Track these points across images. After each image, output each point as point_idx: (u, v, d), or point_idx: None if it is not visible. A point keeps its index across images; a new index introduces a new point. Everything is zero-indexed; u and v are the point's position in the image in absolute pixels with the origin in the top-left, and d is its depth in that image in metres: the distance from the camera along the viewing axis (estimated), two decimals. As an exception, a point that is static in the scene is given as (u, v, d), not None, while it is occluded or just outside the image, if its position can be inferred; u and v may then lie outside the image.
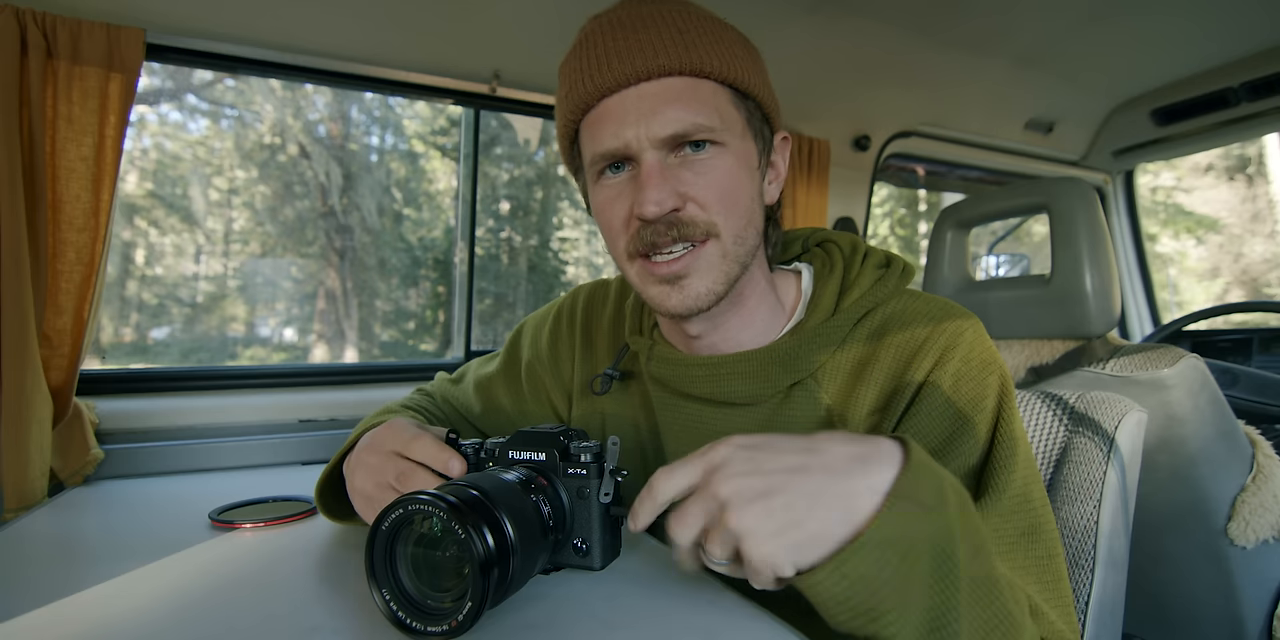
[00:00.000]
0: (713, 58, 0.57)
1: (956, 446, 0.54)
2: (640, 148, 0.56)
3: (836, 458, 0.40)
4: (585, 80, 0.57)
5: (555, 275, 3.46)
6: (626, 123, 0.56)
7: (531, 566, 0.48)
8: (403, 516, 0.44)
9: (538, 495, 0.51)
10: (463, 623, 0.42)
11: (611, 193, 0.59)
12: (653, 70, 0.55)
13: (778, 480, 0.39)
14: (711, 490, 0.40)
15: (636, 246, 0.58)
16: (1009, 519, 0.51)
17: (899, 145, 2.02)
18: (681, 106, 0.55)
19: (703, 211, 0.57)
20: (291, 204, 2.67)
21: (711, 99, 0.57)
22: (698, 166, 0.57)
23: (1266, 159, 4.31)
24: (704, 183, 0.57)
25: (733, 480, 0.40)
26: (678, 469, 0.43)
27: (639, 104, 0.56)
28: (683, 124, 0.55)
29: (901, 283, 0.65)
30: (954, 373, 0.57)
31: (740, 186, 0.59)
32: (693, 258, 0.58)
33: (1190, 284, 4.47)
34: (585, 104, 0.58)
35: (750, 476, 0.40)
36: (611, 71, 0.56)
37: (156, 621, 0.50)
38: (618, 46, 0.56)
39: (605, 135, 0.57)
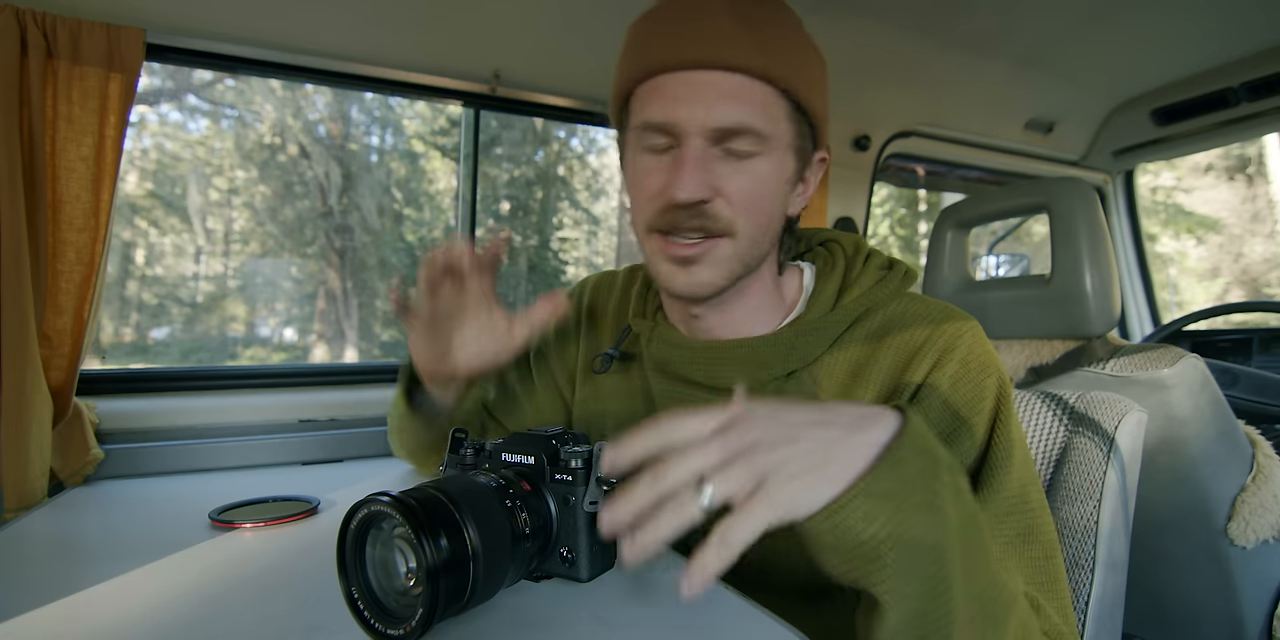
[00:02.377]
0: (785, 68, 0.57)
1: (953, 448, 0.55)
2: (687, 131, 0.56)
3: (848, 416, 0.43)
4: (651, 49, 0.58)
5: (555, 275, 3.46)
6: (682, 103, 0.56)
7: (500, 575, 0.47)
8: (367, 516, 0.44)
9: (514, 501, 0.50)
10: (415, 628, 0.41)
11: (649, 164, 0.60)
12: (717, 61, 0.55)
13: (800, 430, 0.41)
14: (736, 434, 0.41)
15: (658, 224, 0.60)
16: (1004, 520, 0.51)
17: (899, 145, 2.02)
18: (738, 104, 0.56)
19: (727, 208, 0.58)
20: (291, 204, 2.67)
21: (769, 106, 0.58)
22: (736, 165, 0.58)
23: (1266, 159, 4.31)
24: (737, 182, 0.58)
25: (759, 426, 0.41)
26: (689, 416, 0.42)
27: (700, 90, 0.56)
28: (735, 120, 0.56)
29: (903, 285, 0.65)
30: (952, 375, 0.57)
31: (769, 194, 0.60)
32: (707, 249, 0.59)
33: (1190, 284, 4.47)
34: (644, 72, 0.59)
35: (776, 426, 0.41)
36: (678, 51, 0.56)
37: (156, 621, 0.50)
38: (699, 26, 0.56)
39: (657, 109, 0.57)
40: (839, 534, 0.39)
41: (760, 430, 0.41)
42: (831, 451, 0.41)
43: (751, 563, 0.60)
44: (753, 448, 0.40)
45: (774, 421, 0.42)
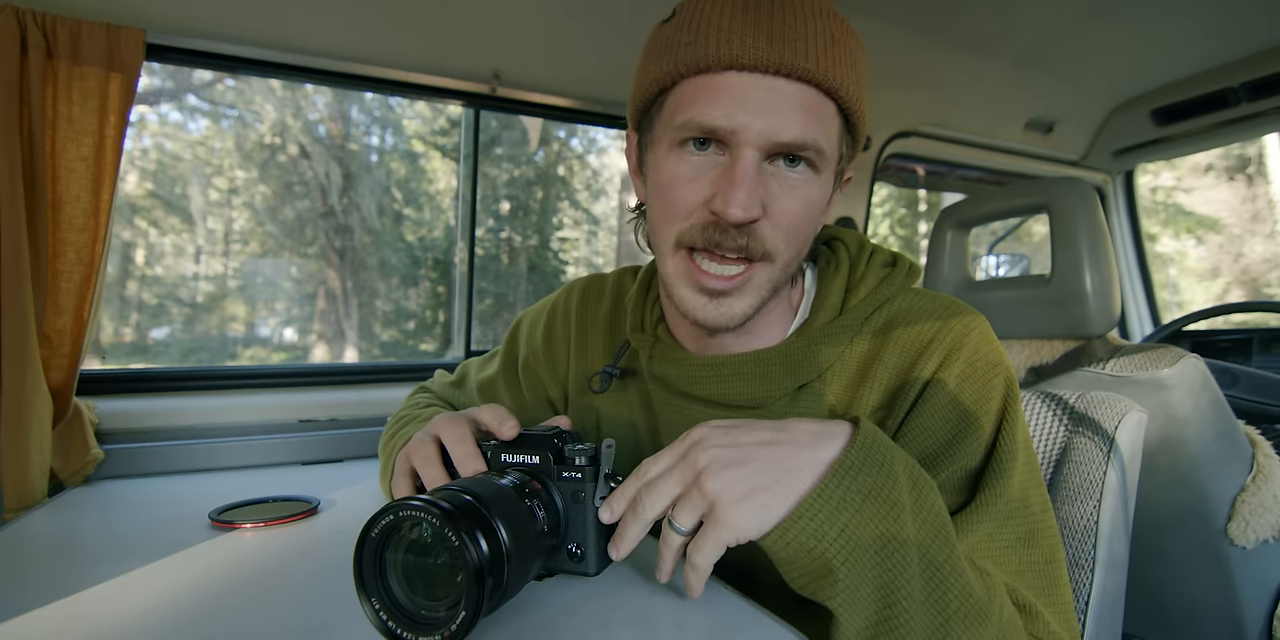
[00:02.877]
0: (850, 84, 0.53)
1: (958, 448, 0.54)
2: (746, 140, 0.51)
3: (803, 434, 0.45)
4: (721, 42, 0.51)
5: (555, 275, 3.46)
6: (746, 109, 0.51)
7: (526, 573, 0.47)
8: (392, 523, 0.43)
9: (532, 500, 0.50)
10: (456, 632, 0.40)
11: (690, 171, 0.54)
12: (798, 70, 0.50)
13: (750, 451, 0.44)
14: (689, 460, 0.44)
15: (694, 239, 0.54)
16: (1004, 524, 0.51)
17: (899, 145, 2.02)
18: (805, 119, 0.52)
19: (774, 231, 0.54)
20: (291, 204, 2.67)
21: (830, 123, 0.54)
22: (785, 183, 0.54)
23: (1266, 159, 4.31)
24: (786, 203, 0.54)
25: (710, 451, 0.44)
26: (660, 454, 0.48)
27: (768, 97, 0.51)
28: (802, 136, 0.51)
29: (908, 281, 0.64)
30: (959, 373, 0.56)
31: (812, 218, 0.57)
32: (745, 279, 0.55)
33: (1190, 284, 4.47)
34: (706, 65, 0.52)
35: (726, 448, 0.44)
36: (756, 49, 0.50)
37: (156, 621, 0.50)
38: (773, 26, 0.51)
39: (716, 110, 0.51)
40: (792, 550, 0.41)
41: (711, 453, 0.44)
42: (781, 470, 0.42)
43: (745, 566, 0.60)
44: (702, 473, 0.43)
45: (725, 444, 0.44)
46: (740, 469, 0.43)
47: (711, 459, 0.44)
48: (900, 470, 0.44)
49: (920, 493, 0.44)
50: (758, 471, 0.42)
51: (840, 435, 0.45)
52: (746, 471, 0.42)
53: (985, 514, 0.51)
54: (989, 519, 0.51)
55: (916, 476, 0.45)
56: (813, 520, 0.40)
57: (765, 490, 0.42)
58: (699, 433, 0.46)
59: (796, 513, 0.41)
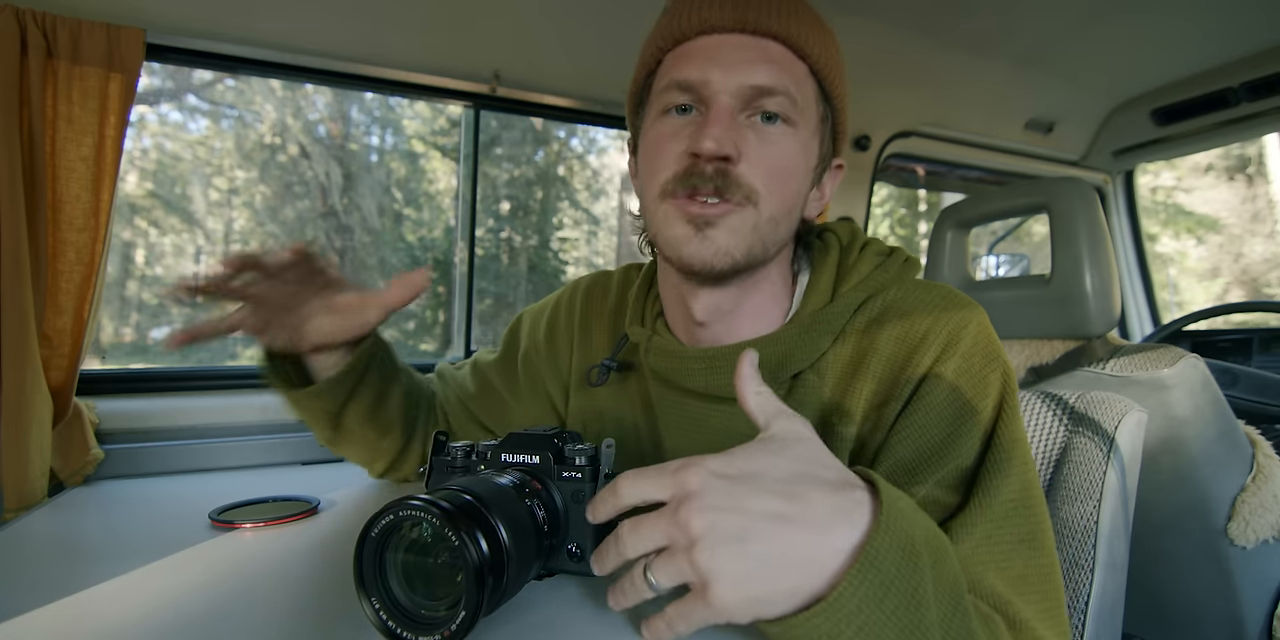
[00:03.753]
0: (817, 46, 0.57)
1: (955, 446, 0.53)
2: (718, 89, 0.55)
3: (817, 510, 0.38)
4: (691, 13, 0.57)
5: (555, 275, 3.46)
6: (716, 63, 0.55)
7: (526, 572, 0.47)
8: (392, 523, 0.43)
9: (532, 499, 0.50)
10: (456, 632, 0.40)
11: (670, 129, 0.58)
12: (762, 26, 0.55)
13: (757, 526, 0.37)
14: (681, 519, 0.37)
15: (675, 186, 0.56)
16: (1003, 525, 0.50)
17: (899, 145, 2.02)
18: (776, 69, 0.55)
19: (751, 173, 0.55)
20: (291, 204, 2.67)
21: (802, 80, 0.57)
22: (763, 134, 0.56)
23: (1266, 159, 4.31)
24: (762, 151, 0.56)
25: (707, 514, 0.37)
26: (646, 478, 0.41)
27: (736, 52, 0.55)
28: (772, 80, 0.55)
29: (904, 271, 0.63)
30: (956, 368, 0.55)
31: (795, 170, 0.58)
32: (726, 211, 0.55)
33: (1190, 284, 4.47)
34: (682, 34, 0.58)
35: (727, 514, 0.37)
36: (722, 12, 0.55)
37: (157, 621, 0.50)
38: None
39: (691, 67, 0.56)
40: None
41: (708, 519, 0.37)
42: (791, 561, 0.36)
43: None
44: (696, 543, 0.37)
45: (726, 508, 0.37)
46: (742, 548, 0.36)
47: (709, 527, 0.37)
48: (923, 549, 0.38)
49: (939, 566, 0.39)
50: (763, 557, 0.36)
51: (860, 514, 0.38)
52: (750, 554, 0.36)
53: (982, 515, 0.50)
54: (986, 520, 0.50)
55: (936, 547, 0.40)
56: (828, 619, 0.35)
57: (771, 584, 0.36)
58: (695, 480, 0.38)
59: (811, 613, 0.35)
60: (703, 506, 0.37)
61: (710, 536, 0.37)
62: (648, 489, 0.41)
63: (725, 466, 0.39)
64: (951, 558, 0.41)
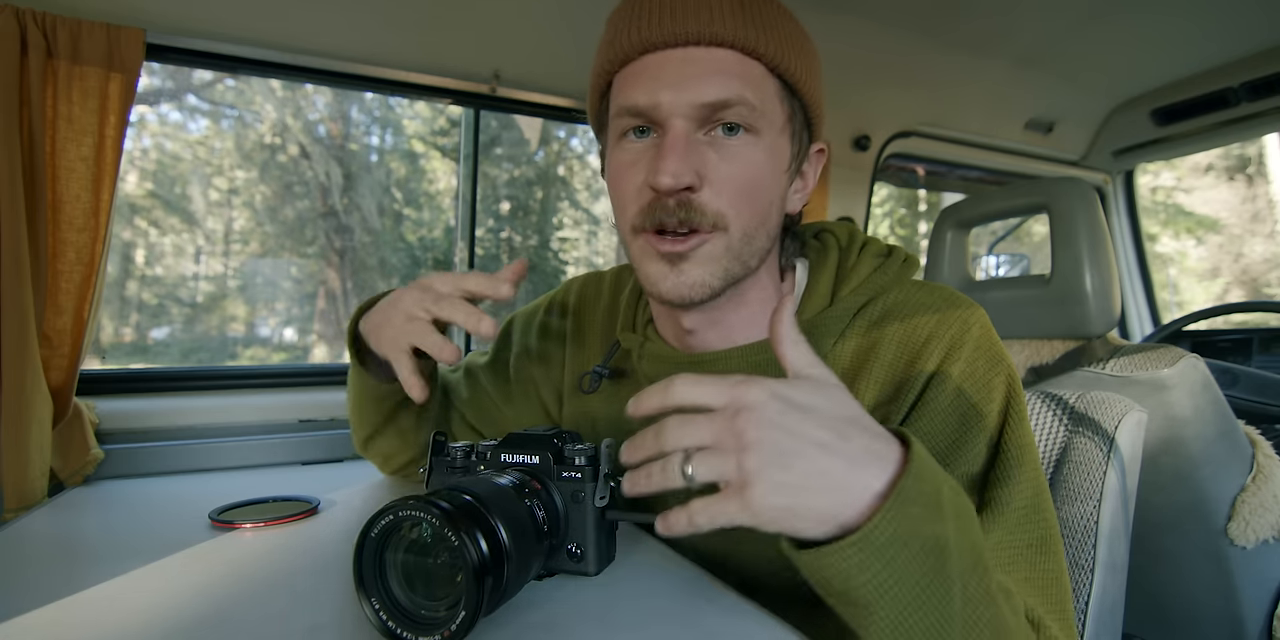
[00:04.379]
0: (771, 42, 0.53)
1: (962, 452, 0.53)
2: (671, 112, 0.52)
3: (858, 448, 0.39)
4: (631, 31, 0.53)
5: (555, 275, 3.46)
6: (664, 83, 0.52)
7: (526, 573, 0.47)
8: (392, 523, 0.43)
9: (532, 499, 0.50)
10: (456, 632, 0.41)
11: (629, 157, 0.55)
12: (705, 36, 0.51)
13: (806, 448, 0.38)
14: (738, 426, 0.38)
15: (643, 221, 0.54)
16: (1015, 532, 0.50)
17: (899, 145, 2.02)
18: (728, 79, 0.52)
19: (716, 199, 0.53)
20: (291, 204, 2.67)
21: (759, 82, 0.53)
22: (725, 150, 0.53)
23: (1266, 159, 4.31)
24: (726, 169, 0.53)
25: (763, 428, 0.38)
26: (705, 383, 0.41)
27: (682, 67, 0.52)
28: (725, 93, 0.51)
29: (904, 272, 0.62)
30: (960, 371, 0.55)
31: (763, 182, 0.55)
32: (696, 244, 0.54)
33: (1190, 284, 4.47)
34: (625, 56, 0.54)
35: (782, 432, 0.38)
36: (662, 27, 0.52)
37: (157, 622, 0.50)
38: (674, 3, 0.52)
39: (638, 91, 0.53)
40: (827, 576, 0.38)
41: (764, 432, 0.38)
42: (829, 481, 0.38)
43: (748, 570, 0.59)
44: (748, 448, 0.38)
45: (782, 425, 0.39)
46: (790, 463, 0.38)
47: (762, 438, 0.38)
48: (947, 504, 0.40)
49: (962, 520, 0.41)
50: (805, 474, 0.38)
51: (891, 459, 0.40)
52: (795, 471, 0.38)
53: (996, 522, 0.49)
54: (999, 527, 0.49)
55: (959, 507, 0.41)
56: (860, 551, 0.37)
57: (807, 500, 0.38)
58: (755, 394, 0.39)
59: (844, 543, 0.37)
60: (760, 420, 0.38)
61: (762, 446, 0.38)
62: (706, 393, 0.41)
63: (786, 391, 0.40)
64: (973, 520, 0.42)
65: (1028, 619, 0.48)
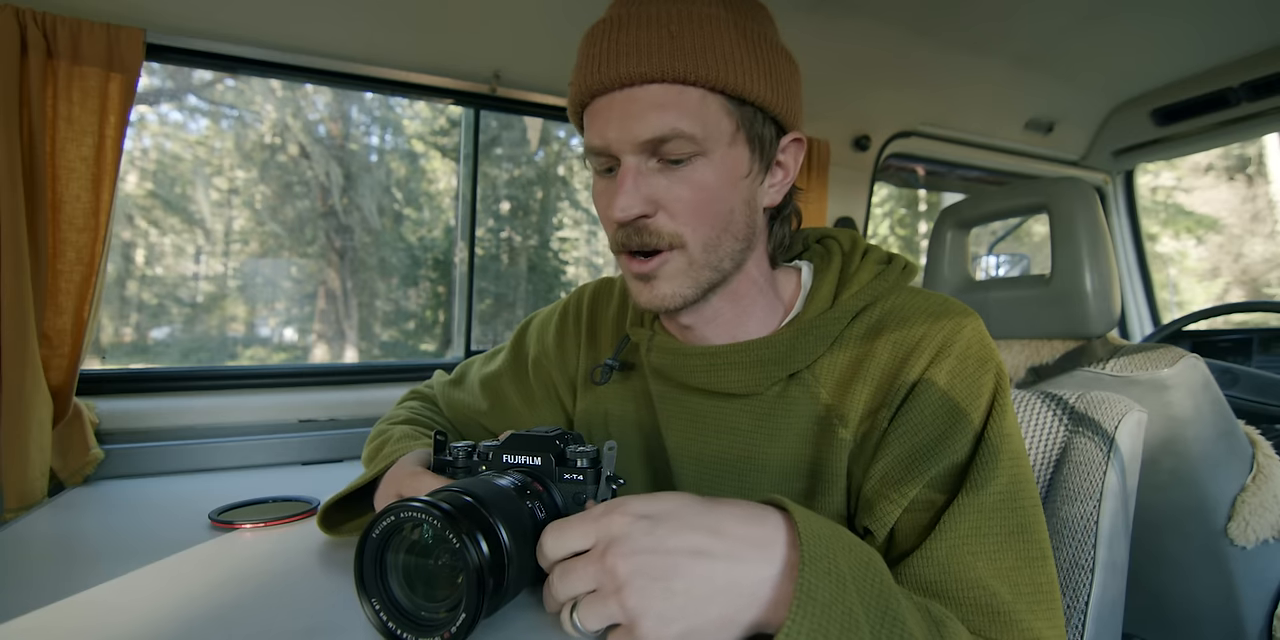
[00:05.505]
0: (701, 65, 0.55)
1: (947, 444, 0.54)
2: (620, 150, 0.57)
3: (738, 542, 0.40)
4: (582, 77, 0.59)
5: (555, 275, 3.46)
6: (610, 124, 0.57)
7: (527, 574, 0.47)
8: (393, 524, 0.43)
9: (533, 501, 0.50)
10: (456, 634, 0.41)
11: (601, 188, 0.61)
12: (636, 76, 0.55)
13: (680, 563, 0.39)
14: (608, 564, 0.39)
15: (616, 245, 0.61)
16: (991, 517, 0.51)
17: (899, 145, 2.02)
18: (662, 113, 0.55)
19: (670, 221, 0.58)
20: (291, 204, 2.67)
21: (697, 107, 0.56)
22: (673, 176, 0.57)
23: (1266, 159, 4.31)
24: (676, 193, 0.57)
25: (632, 558, 0.39)
26: (570, 529, 0.42)
27: (625, 106, 0.56)
28: (660, 129, 0.55)
29: (902, 279, 0.64)
30: (949, 371, 0.56)
31: (716, 198, 0.58)
32: (659, 263, 0.59)
33: (1190, 284, 4.47)
34: (581, 101, 0.60)
35: (651, 555, 0.39)
36: (602, 73, 0.57)
37: (156, 622, 0.50)
38: (612, 48, 0.57)
39: (592, 132, 0.59)
40: None
41: (634, 562, 0.38)
42: (714, 588, 0.38)
43: None
44: (624, 585, 0.38)
45: (649, 550, 0.39)
46: (669, 586, 0.38)
47: (634, 568, 0.38)
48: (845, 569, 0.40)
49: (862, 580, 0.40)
50: (688, 592, 0.38)
51: (779, 541, 0.40)
52: (675, 590, 0.38)
53: (970, 507, 0.51)
54: (973, 511, 0.51)
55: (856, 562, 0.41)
56: None
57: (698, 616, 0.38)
58: (618, 525, 0.40)
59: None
60: (628, 550, 0.39)
61: (636, 578, 0.38)
62: (572, 540, 0.42)
63: (646, 507, 0.41)
64: (874, 565, 0.42)
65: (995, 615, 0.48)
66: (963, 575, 0.49)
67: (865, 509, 0.56)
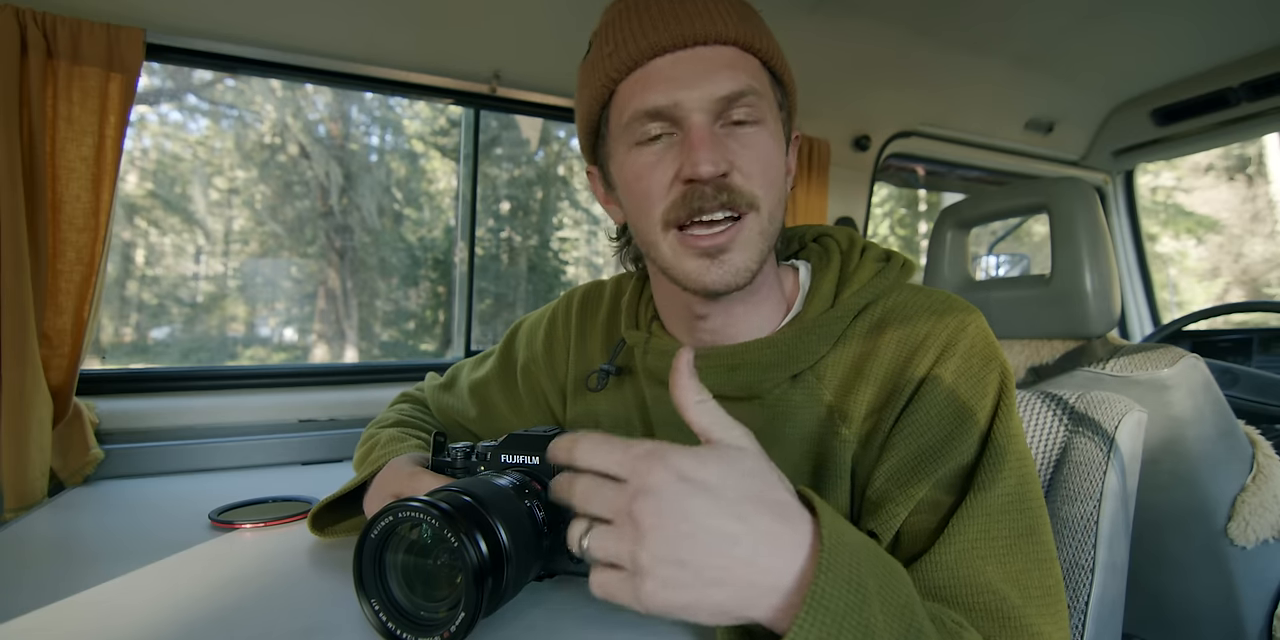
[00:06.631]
0: (760, 37, 0.58)
1: (953, 447, 0.54)
2: (690, 109, 0.55)
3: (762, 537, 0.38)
4: (637, 38, 0.57)
5: (555, 275, 3.46)
6: (679, 83, 0.55)
7: (526, 573, 0.47)
8: (391, 524, 0.43)
9: (531, 500, 0.50)
10: (455, 633, 0.41)
11: (652, 158, 0.58)
12: (711, 35, 0.56)
13: (704, 538, 0.37)
14: (635, 510, 0.38)
15: (678, 213, 0.57)
16: (999, 519, 0.50)
17: (899, 145, 2.02)
18: (737, 72, 0.56)
19: (747, 182, 0.56)
20: (291, 204, 2.67)
21: (758, 74, 0.58)
22: (743, 138, 0.57)
23: (1266, 159, 4.31)
24: (749, 154, 0.57)
25: (661, 515, 0.37)
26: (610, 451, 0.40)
27: (694, 66, 0.56)
28: (738, 86, 0.55)
29: (902, 276, 0.64)
30: (955, 369, 0.56)
31: (778, 163, 0.59)
32: (736, 231, 0.57)
33: (1190, 284, 4.47)
34: (633, 62, 0.57)
35: (679, 522, 0.37)
36: (669, 31, 0.56)
37: (156, 622, 0.50)
38: (675, 9, 0.57)
39: (654, 93, 0.56)
40: None
41: (661, 519, 0.37)
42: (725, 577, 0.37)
43: None
44: (643, 536, 0.37)
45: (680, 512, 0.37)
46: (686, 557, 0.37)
47: (658, 526, 0.37)
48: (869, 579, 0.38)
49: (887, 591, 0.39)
50: (698, 571, 0.37)
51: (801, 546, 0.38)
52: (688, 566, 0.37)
53: (978, 509, 0.50)
54: (981, 514, 0.50)
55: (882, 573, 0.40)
56: None
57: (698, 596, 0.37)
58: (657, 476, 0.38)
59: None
60: (658, 509, 0.37)
61: (656, 537, 0.37)
62: (609, 462, 0.40)
63: (690, 469, 0.39)
64: (900, 578, 0.41)
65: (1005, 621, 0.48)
66: (973, 580, 0.48)
67: (871, 510, 0.56)
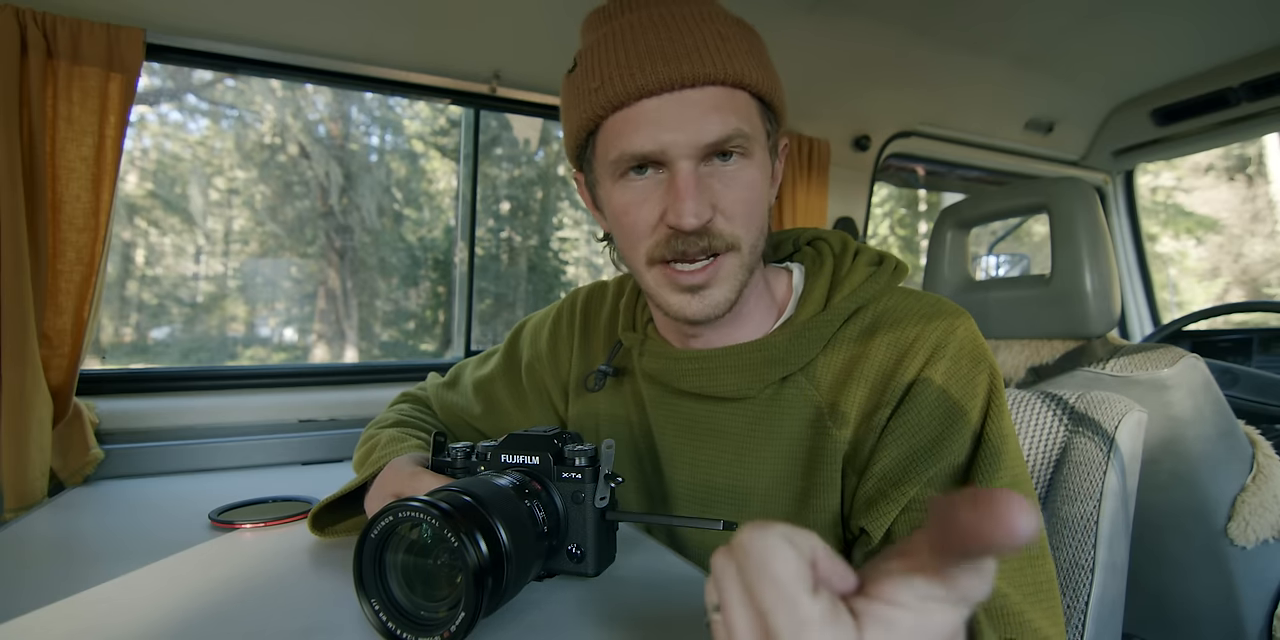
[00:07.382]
0: (751, 69, 0.56)
1: (944, 447, 0.54)
2: (677, 155, 0.55)
3: None
4: (624, 77, 0.55)
5: (555, 275, 3.46)
6: (665, 127, 0.54)
7: (526, 573, 0.47)
8: (391, 524, 0.43)
9: (532, 500, 0.50)
10: (455, 633, 0.41)
11: (637, 196, 0.58)
12: (699, 77, 0.54)
13: None
14: None
15: (662, 253, 0.58)
16: None
17: (899, 145, 2.02)
18: (724, 115, 0.55)
19: (728, 224, 0.57)
20: (291, 204, 2.67)
21: (746, 110, 0.57)
22: (726, 178, 0.57)
23: (1266, 159, 4.31)
24: (732, 196, 0.57)
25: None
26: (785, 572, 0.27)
27: (681, 110, 0.54)
28: (725, 131, 0.54)
29: (894, 280, 0.64)
30: (944, 371, 0.57)
31: (760, 198, 0.59)
32: (715, 268, 0.58)
33: (1190, 284, 4.47)
34: (619, 101, 0.56)
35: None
36: (655, 73, 0.54)
37: (156, 622, 0.50)
38: (662, 48, 0.55)
39: (640, 137, 0.55)
40: None
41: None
42: None
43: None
44: None
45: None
46: None
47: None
48: None
49: None
50: None
51: None
52: None
53: None
54: None
55: None
56: None
57: None
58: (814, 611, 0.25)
59: None
60: None
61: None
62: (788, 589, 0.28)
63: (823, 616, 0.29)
64: None
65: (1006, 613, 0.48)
66: None
67: (862, 510, 0.56)
